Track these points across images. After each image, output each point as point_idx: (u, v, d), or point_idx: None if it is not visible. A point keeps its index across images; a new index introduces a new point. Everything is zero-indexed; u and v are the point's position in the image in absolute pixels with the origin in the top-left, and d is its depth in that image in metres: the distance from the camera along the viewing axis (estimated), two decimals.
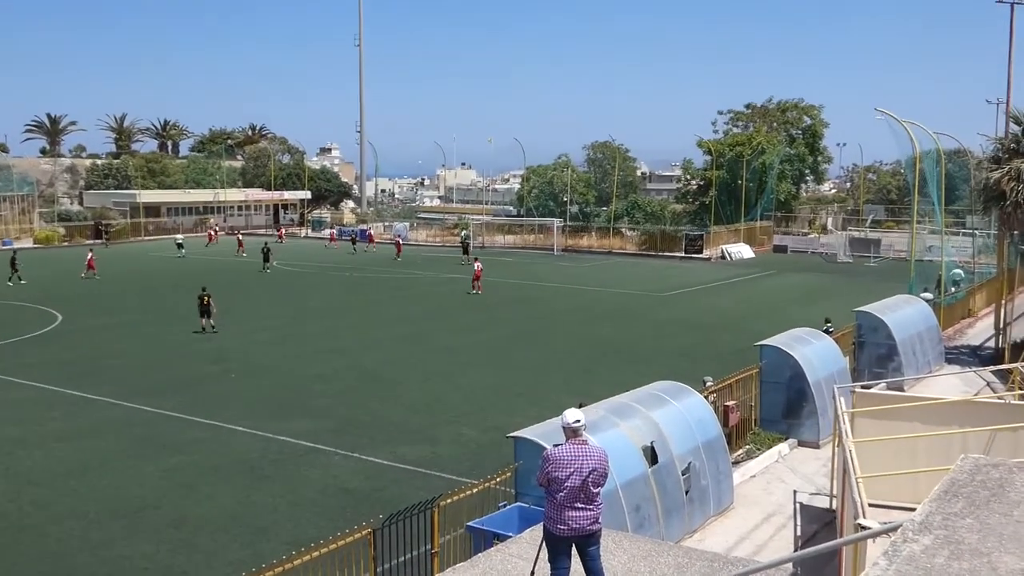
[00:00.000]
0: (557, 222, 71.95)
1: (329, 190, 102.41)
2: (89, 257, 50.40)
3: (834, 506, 15.53)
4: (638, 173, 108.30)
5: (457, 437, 20.72)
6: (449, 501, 12.14)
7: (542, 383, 25.88)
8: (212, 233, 74.47)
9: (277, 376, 26.59)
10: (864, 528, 9.11)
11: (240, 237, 67.45)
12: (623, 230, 73.48)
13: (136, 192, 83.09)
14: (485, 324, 35.67)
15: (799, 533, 15.23)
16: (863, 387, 18.24)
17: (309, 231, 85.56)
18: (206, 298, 33.05)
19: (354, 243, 68.83)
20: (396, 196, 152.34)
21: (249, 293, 44.62)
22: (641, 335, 33.68)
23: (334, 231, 76.91)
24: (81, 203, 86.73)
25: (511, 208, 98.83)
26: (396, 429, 21.26)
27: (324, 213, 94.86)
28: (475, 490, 12.59)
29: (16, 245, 66.06)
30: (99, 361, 28.49)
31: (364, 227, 79.56)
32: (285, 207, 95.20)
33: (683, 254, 65.04)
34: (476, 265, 45.69)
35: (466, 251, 61.12)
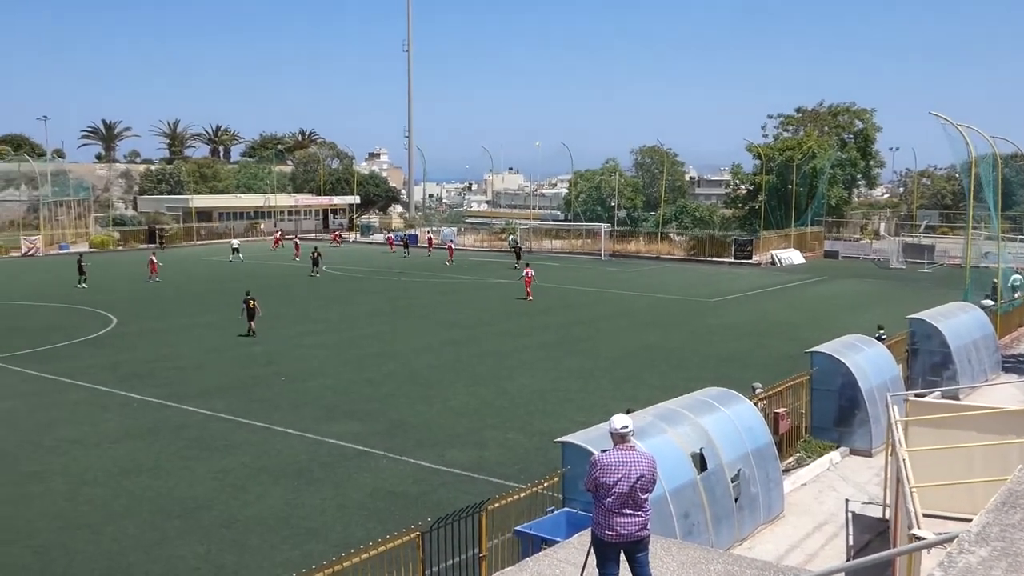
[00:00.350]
0: (604, 227, 71.74)
1: (377, 195, 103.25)
2: (152, 261, 51.39)
3: (887, 516, 15.29)
4: (687, 178, 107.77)
5: (504, 441, 20.74)
6: (497, 505, 12.16)
7: (589, 388, 25.82)
8: (277, 238, 75.47)
9: (326, 379, 26.83)
10: (919, 538, 8.96)
11: (297, 242, 68.34)
12: (671, 235, 73.07)
13: (189, 197, 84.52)
14: (532, 329, 35.67)
15: (851, 543, 15.01)
16: (917, 395, 17.94)
17: (358, 236, 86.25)
18: (251, 302, 33.56)
19: (406, 247, 69.35)
20: (444, 201, 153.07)
21: (299, 297, 45.09)
22: (689, 341, 33.45)
23: (392, 236, 77.36)
24: (135, 208, 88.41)
25: (558, 213, 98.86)
26: (444, 433, 21.34)
27: (372, 218, 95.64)
28: (523, 495, 12.59)
29: (75, 249, 67.53)
30: (153, 363, 28.97)
31: (413, 231, 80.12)
32: (334, 212, 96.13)
33: (732, 259, 64.49)
34: (527, 271, 45.60)
35: (518, 256, 61.20)
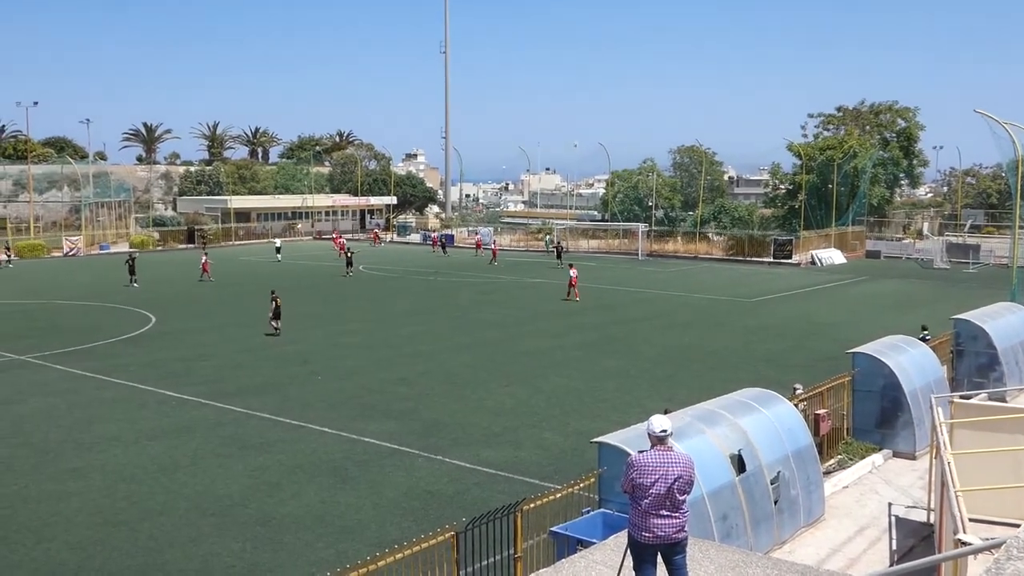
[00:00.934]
0: (642, 226, 71.41)
1: (414, 195, 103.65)
2: (204, 261, 52.05)
3: (932, 520, 14.97)
4: (725, 177, 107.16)
5: (540, 441, 20.61)
6: (532, 506, 12.02)
7: (627, 388, 25.61)
8: (336, 238, 75.94)
9: (361, 378, 26.86)
10: (965, 544, 8.71)
11: (343, 241, 68.75)
12: (709, 235, 72.62)
13: (228, 198, 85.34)
14: (568, 329, 35.50)
15: (894, 547, 14.71)
16: (962, 397, 17.56)
17: (395, 236, 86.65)
18: (278, 300, 33.79)
19: (444, 247, 69.71)
20: (480, 201, 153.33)
21: (336, 297, 45.28)
22: (728, 341, 33.10)
23: (435, 235, 77.65)
24: (175, 209, 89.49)
25: (594, 213, 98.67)
26: (479, 432, 21.24)
27: (409, 218, 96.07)
28: (558, 495, 12.45)
29: (116, 249, 68.42)
30: (190, 362, 29.18)
31: (450, 232, 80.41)
32: (371, 212, 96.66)
33: (771, 259, 63.94)
34: (572, 272, 44.59)
35: (559, 255, 61.08)
